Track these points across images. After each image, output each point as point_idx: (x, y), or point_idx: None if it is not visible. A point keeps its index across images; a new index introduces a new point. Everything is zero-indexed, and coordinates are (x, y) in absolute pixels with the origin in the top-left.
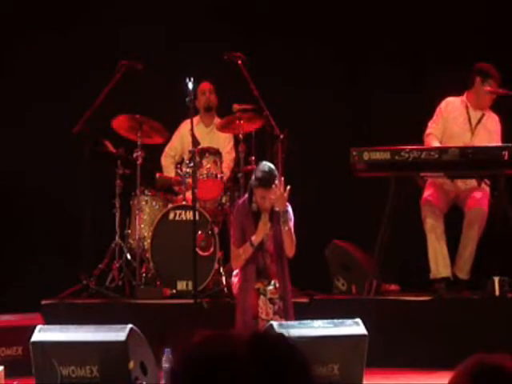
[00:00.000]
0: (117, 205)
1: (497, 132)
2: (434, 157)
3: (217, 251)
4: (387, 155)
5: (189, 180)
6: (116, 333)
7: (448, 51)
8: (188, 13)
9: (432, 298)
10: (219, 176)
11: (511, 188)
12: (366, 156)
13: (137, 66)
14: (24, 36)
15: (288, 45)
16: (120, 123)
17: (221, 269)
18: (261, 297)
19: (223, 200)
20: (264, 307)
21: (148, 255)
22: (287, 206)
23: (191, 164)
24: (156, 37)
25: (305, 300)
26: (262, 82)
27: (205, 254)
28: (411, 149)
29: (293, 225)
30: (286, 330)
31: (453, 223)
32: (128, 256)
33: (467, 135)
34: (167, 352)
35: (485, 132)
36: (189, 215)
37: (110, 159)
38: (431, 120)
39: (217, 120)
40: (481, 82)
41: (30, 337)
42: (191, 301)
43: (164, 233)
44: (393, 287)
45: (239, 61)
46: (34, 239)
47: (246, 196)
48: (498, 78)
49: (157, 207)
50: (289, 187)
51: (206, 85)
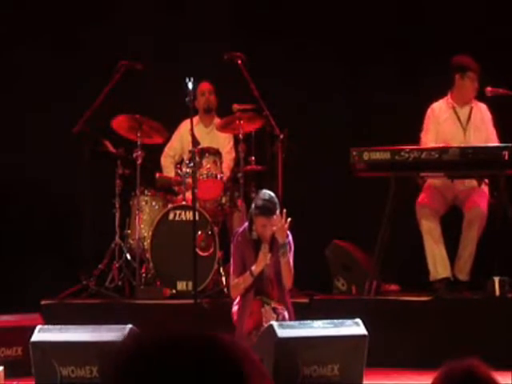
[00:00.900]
0: (117, 205)
1: (488, 120)
2: (434, 157)
3: (217, 251)
4: (387, 155)
5: (189, 180)
6: (116, 333)
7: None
8: (188, 13)
9: (432, 298)
10: (219, 176)
11: (511, 188)
12: (366, 156)
13: (136, 66)
14: (24, 36)
15: (288, 45)
16: (120, 123)
17: (221, 269)
18: (264, 305)
19: (223, 200)
20: (267, 316)
21: (148, 255)
22: (288, 237)
23: (191, 164)
24: (156, 37)
25: (305, 300)
26: (262, 82)
27: (205, 254)
28: (411, 149)
29: (292, 255)
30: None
31: (452, 224)
32: (128, 256)
33: (460, 135)
34: None
35: (476, 126)
36: (189, 215)
37: (110, 159)
38: (422, 132)
39: (217, 120)
40: (460, 78)
41: (30, 337)
42: (191, 301)
43: (164, 233)
44: (393, 287)
45: (239, 61)
46: (34, 239)
47: (246, 224)
48: (477, 68)
49: (157, 207)
50: (289, 219)
51: (206, 86)
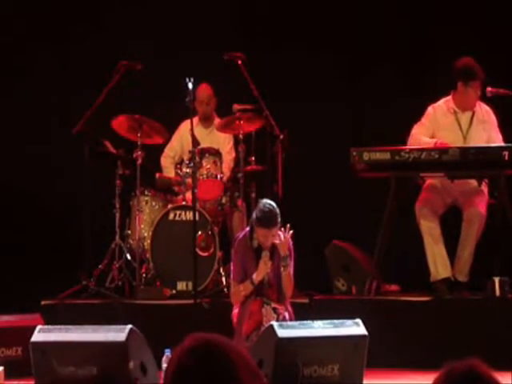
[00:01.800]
0: (117, 205)
1: (492, 123)
2: (434, 157)
3: (217, 251)
4: (387, 155)
5: (189, 180)
6: (116, 333)
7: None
8: (188, 13)
9: (432, 299)
10: (219, 176)
11: (511, 188)
12: (366, 156)
13: (136, 67)
14: (25, 36)
15: (288, 45)
16: (120, 123)
17: (221, 269)
18: (265, 305)
19: (223, 200)
20: (268, 316)
21: (148, 255)
22: (289, 251)
23: (191, 164)
24: (156, 37)
25: (305, 300)
26: (262, 82)
27: (205, 255)
28: (411, 149)
29: (293, 264)
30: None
31: (452, 224)
32: (128, 256)
33: (459, 142)
34: (167, 352)
35: (477, 131)
36: (189, 215)
37: (110, 159)
38: (417, 123)
39: (217, 120)
40: (463, 86)
41: (30, 337)
42: (191, 301)
43: (164, 233)
44: (393, 287)
45: (239, 61)
46: (34, 239)
47: (247, 229)
48: (481, 75)
49: (157, 207)
50: (291, 231)
51: (205, 92)
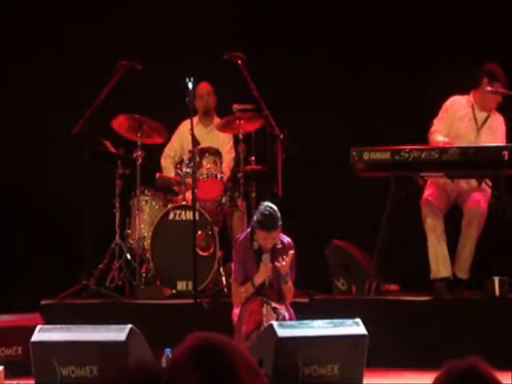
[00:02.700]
0: (117, 205)
1: (502, 132)
2: (435, 157)
3: (217, 251)
4: (387, 155)
5: (189, 180)
6: (116, 333)
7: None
8: (188, 13)
9: (432, 298)
10: (219, 176)
11: (511, 188)
12: (366, 156)
13: (136, 66)
14: (24, 36)
15: (288, 45)
16: (120, 123)
17: (221, 269)
18: (265, 305)
19: (223, 200)
20: (268, 315)
21: (148, 255)
22: (291, 268)
23: (191, 164)
24: (156, 37)
25: (305, 300)
26: (262, 82)
27: (205, 254)
28: (411, 149)
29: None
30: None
31: (454, 223)
32: (128, 256)
33: (472, 136)
34: (167, 352)
35: (490, 133)
36: (189, 215)
37: (110, 159)
38: (436, 118)
39: (217, 120)
40: (488, 84)
41: (30, 337)
42: (191, 301)
43: (164, 233)
44: (393, 287)
45: (239, 61)
46: (34, 239)
47: (248, 231)
48: (505, 82)
49: (157, 207)
50: (292, 252)
51: (204, 88)
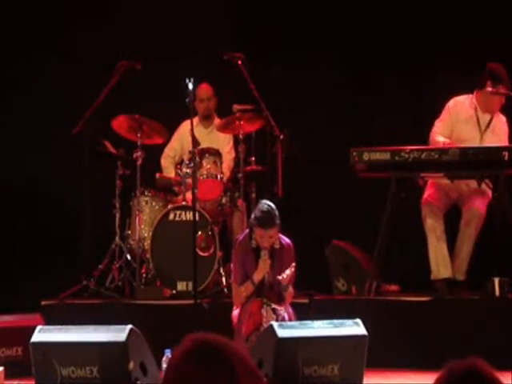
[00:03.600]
0: (117, 205)
1: (505, 133)
2: (434, 157)
3: (217, 252)
4: (387, 155)
5: (189, 180)
6: (116, 333)
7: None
8: (188, 13)
9: (432, 299)
10: (219, 176)
11: (511, 188)
12: (366, 156)
13: (136, 66)
14: (25, 36)
15: (288, 45)
16: (120, 123)
17: (221, 269)
18: (264, 306)
19: (223, 200)
20: (267, 316)
21: (148, 256)
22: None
23: (191, 164)
24: (156, 37)
25: (305, 300)
26: (262, 82)
27: (205, 255)
28: (411, 149)
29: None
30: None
31: (454, 224)
32: (128, 256)
33: (476, 139)
34: (167, 352)
35: (493, 136)
36: (189, 216)
37: (110, 160)
38: (438, 119)
39: (217, 120)
40: (491, 86)
41: (30, 337)
42: (191, 301)
43: (164, 233)
44: (393, 287)
45: (239, 61)
46: (34, 239)
47: (247, 231)
48: (508, 83)
49: (157, 208)
50: (294, 264)
51: (205, 91)
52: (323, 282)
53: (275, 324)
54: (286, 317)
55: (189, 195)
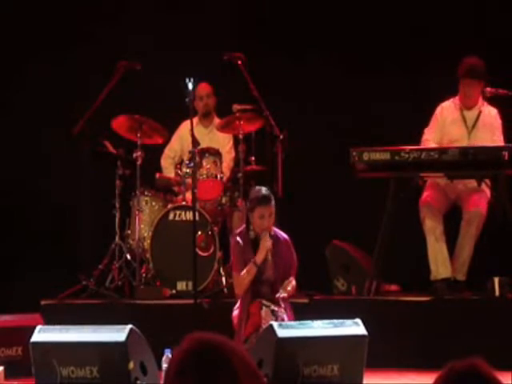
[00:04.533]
0: (117, 205)
1: (497, 126)
2: (434, 157)
3: (217, 251)
4: (387, 156)
5: (188, 180)
6: (116, 333)
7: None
8: (188, 13)
9: (432, 299)
10: (219, 176)
11: (511, 188)
12: (366, 156)
13: (136, 67)
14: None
15: (288, 45)
16: (120, 123)
17: (221, 269)
18: (263, 307)
19: (223, 200)
20: (266, 318)
21: (148, 255)
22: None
23: (191, 164)
24: (156, 37)
25: (305, 300)
26: (262, 82)
27: (205, 255)
28: (411, 149)
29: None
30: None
31: (454, 224)
32: (128, 256)
33: (464, 138)
34: (167, 352)
35: (483, 132)
36: (189, 215)
37: (110, 159)
38: (427, 127)
39: (216, 120)
40: (462, 83)
41: (30, 337)
42: (191, 301)
43: (164, 233)
44: (393, 287)
45: (239, 61)
46: (34, 239)
47: (244, 226)
48: (482, 74)
49: (157, 208)
50: (292, 279)
51: (204, 89)
52: (323, 282)
53: (275, 324)
54: (286, 318)
55: (189, 195)
